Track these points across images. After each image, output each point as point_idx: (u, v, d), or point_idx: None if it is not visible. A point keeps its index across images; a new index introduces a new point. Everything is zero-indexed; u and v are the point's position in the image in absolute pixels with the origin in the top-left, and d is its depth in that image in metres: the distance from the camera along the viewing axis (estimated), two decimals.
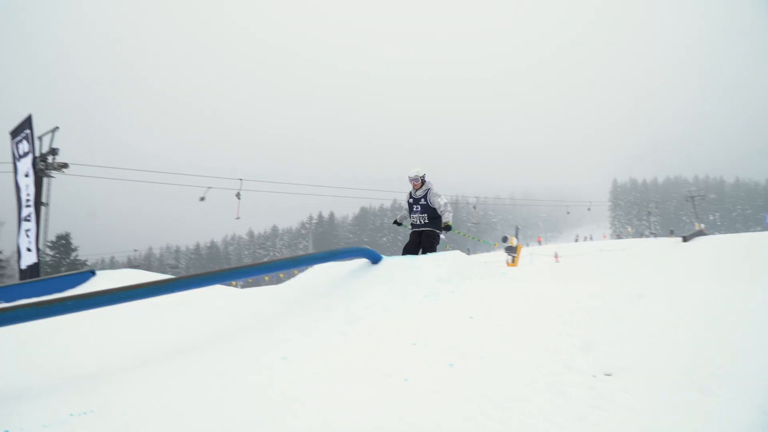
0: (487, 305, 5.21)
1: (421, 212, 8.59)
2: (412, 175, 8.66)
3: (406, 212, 9.11)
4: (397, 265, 6.99)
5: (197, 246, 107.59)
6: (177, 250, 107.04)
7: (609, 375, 3.63)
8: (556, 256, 37.75)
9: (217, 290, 10.37)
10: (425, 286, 5.90)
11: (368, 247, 7.99)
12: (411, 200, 8.74)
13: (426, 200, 8.56)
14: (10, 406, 3.80)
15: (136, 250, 66.68)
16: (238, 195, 25.42)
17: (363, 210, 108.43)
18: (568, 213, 49.79)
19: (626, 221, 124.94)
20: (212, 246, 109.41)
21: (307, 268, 8.54)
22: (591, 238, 76.97)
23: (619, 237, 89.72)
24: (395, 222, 9.58)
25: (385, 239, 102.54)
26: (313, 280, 7.67)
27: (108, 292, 4.76)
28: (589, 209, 47.72)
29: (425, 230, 8.58)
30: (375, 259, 7.45)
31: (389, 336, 4.70)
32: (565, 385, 3.49)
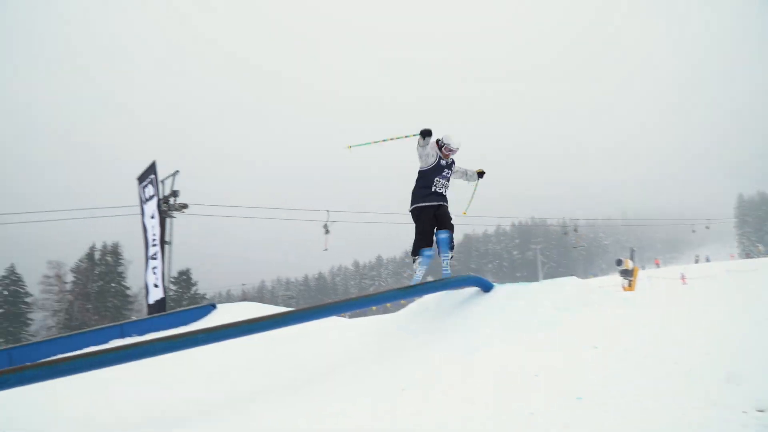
0: (612, 334, 4.89)
1: (447, 180, 7.28)
2: (455, 146, 7.21)
3: (431, 160, 7.13)
4: (510, 293, 6.77)
5: (306, 278, 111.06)
6: (287, 282, 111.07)
7: (762, 411, 3.25)
8: (682, 277, 35.07)
9: (328, 322, 10.55)
10: (543, 315, 5.66)
11: (475, 274, 7.82)
12: (443, 163, 7.19)
13: (452, 170, 7.32)
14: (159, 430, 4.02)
15: (244, 284, 69.94)
16: (325, 227, 26.03)
17: (466, 237, 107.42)
18: (693, 231, 46.53)
19: (757, 239, 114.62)
20: (320, 277, 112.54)
21: (415, 299, 8.50)
22: (707, 260, 71.15)
23: (748, 256, 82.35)
24: (426, 132, 6.85)
25: (490, 265, 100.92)
26: (425, 310, 7.59)
27: (233, 325, 4.96)
28: (707, 227, 44.32)
29: (443, 205, 7.25)
30: (486, 288, 7.27)
31: (510, 367, 4.53)
32: (711, 422, 3.16)
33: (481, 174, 7.81)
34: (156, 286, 18.66)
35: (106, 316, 49.17)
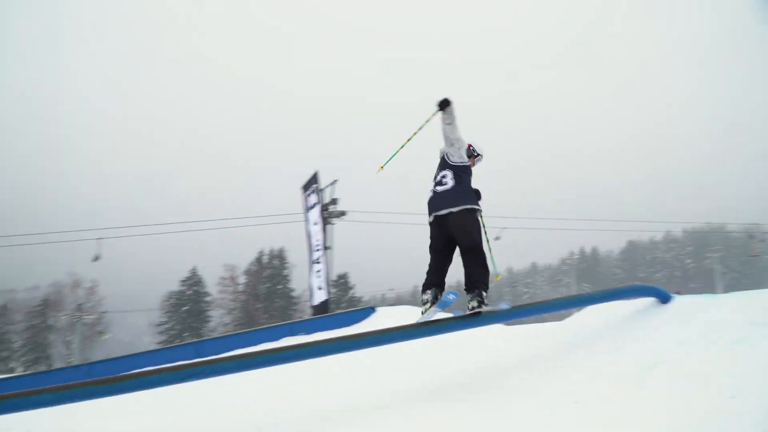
0: None
1: None
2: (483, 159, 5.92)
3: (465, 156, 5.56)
4: (693, 305, 6.17)
5: (458, 283, 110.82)
6: None
7: None
8: None
9: (488, 329, 10.34)
10: (735, 331, 5.04)
11: (643, 284, 7.27)
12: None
13: None
14: (317, 427, 4.22)
15: (391, 289, 70.90)
16: None
17: (630, 243, 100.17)
18: None
19: None
20: None
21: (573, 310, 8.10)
22: None
23: None
24: (444, 102, 5.31)
25: (659, 275, 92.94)
26: (594, 320, 7.17)
27: (398, 329, 5.07)
28: None
29: None
30: (664, 298, 6.69)
31: (696, 386, 4.10)
32: None
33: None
34: (320, 288, 19.77)
35: (274, 316, 52.98)
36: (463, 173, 5.43)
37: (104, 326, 54.80)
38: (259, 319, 53.41)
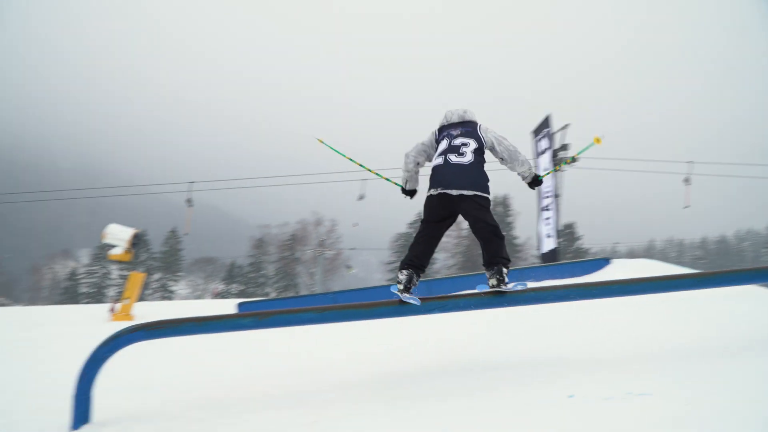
0: None
1: None
2: None
3: None
4: None
5: (703, 240, 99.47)
6: (680, 243, 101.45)
7: None
8: None
9: (742, 289, 9.14)
10: None
11: None
12: None
13: None
14: (577, 375, 4.17)
15: (616, 243, 64.97)
16: (686, 180, 22.74)
17: None
18: None
19: None
20: (721, 240, 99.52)
21: None
22: None
23: None
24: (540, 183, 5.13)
25: None
26: None
27: (644, 280, 4.74)
28: None
29: None
30: None
31: None
32: None
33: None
34: (549, 236, 19.37)
35: None
36: (482, 156, 4.82)
37: (345, 261, 60.92)
38: (481, 264, 54.66)
